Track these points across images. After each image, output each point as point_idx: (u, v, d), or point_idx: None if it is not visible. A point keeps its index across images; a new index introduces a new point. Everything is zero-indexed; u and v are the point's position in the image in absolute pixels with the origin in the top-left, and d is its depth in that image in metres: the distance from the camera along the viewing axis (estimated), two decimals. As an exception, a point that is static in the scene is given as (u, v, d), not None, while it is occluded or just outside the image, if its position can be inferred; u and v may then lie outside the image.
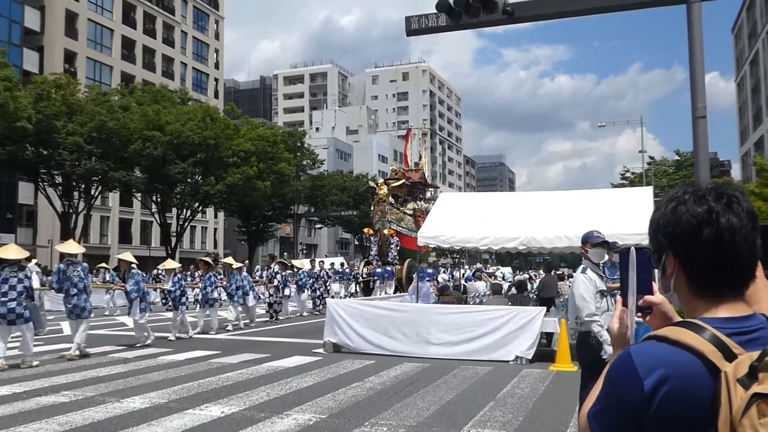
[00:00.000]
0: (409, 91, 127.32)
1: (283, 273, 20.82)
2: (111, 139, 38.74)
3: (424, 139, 34.54)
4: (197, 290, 19.10)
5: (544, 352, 11.78)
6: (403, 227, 27.50)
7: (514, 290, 17.69)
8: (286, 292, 21.06)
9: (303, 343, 14.25)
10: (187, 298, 16.04)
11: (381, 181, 27.63)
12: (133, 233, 60.69)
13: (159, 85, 50.16)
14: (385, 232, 26.17)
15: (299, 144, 59.44)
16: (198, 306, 17.60)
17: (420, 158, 35.41)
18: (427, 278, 21.59)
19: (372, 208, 28.10)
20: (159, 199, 46.45)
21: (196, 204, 48.90)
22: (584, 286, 5.80)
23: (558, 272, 29.51)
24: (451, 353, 11.86)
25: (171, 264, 16.14)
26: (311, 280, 23.72)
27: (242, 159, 46.33)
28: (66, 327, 16.17)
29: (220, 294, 17.96)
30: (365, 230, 32.08)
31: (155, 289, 24.22)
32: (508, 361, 11.44)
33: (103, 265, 27.91)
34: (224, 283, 18.82)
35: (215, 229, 72.18)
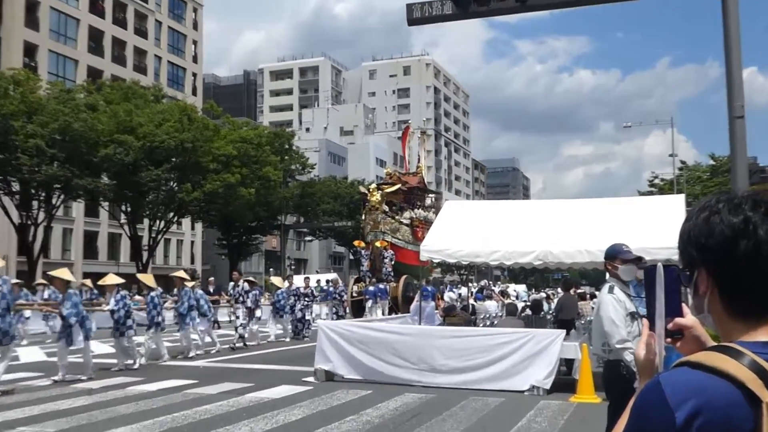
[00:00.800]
0: (411, 87, 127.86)
1: (253, 292, 20.12)
2: (76, 143, 38.83)
3: (424, 139, 34.48)
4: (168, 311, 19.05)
5: (564, 382, 11.74)
6: (398, 239, 27.37)
7: (528, 311, 17.68)
8: (257, 313, 20.51)
9: (291, 371, 14.20)
10: (133, 321, 14.90)
11: (373, 186, 27.62)
12: (100, 247, 60.69)
13: (130, 80, 50.35)
14: (378, 244, 26.03)
15: (287, 146, 59.52)
16: (179, 327, 17.53)
17: (419, 160, 35.34)
18: (429, 297, 21.58)
19: (363, 217, 28.03)
20: (129, 209, 46.51)
21: (171, 214, 48.91)
22: (613, 308, 5.74)
23: (578, 291, 29.52)
24: (459, 382, 11.83)
25: (112, 279, 15.16)
26: (291, 299, 22.40)
27: (223, 164, 46.42)
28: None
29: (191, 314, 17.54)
30: (356, 243, 32.02)
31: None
32: (523, 392, 11.40)
33: (41, 281, 24.87)
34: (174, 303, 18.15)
35: (192, 242, 72.23)
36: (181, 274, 18.18)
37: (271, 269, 76.36)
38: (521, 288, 52.36)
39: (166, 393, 11.45)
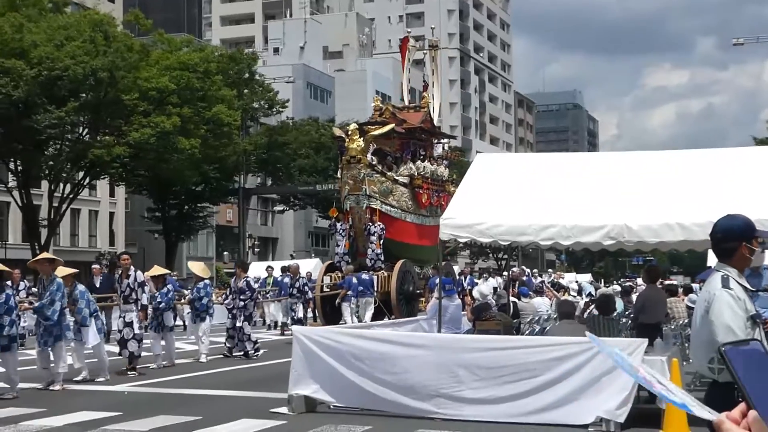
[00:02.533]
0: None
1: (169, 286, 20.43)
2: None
3: (434, 55, 33.66)
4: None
5: (645, 413, 11.78)
6: (391, 205, 26.89)
7: (594, 310, 17.71)
8: (169, 321, 20.12)
9: (254, 398, 14.27)
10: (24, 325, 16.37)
11: (353, 127, 26.36)
12: (-21, 222, 60.75)
13: (18, -20, 50.01)
14: (366, 212, 25.51)
15: (247, 75, 59.30)
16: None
17: (425, 88, 34.47)
18: (452, 293, 21.57)
19: (339, 174, 27.48)
20: (19, 168, 46.47)
21: (81, 174, 48.82)
22: (731, 310, 5.64)
23: (667, 283, 29.61)
24: (494, 414, 11.88)
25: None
26: (226, 297, 22.39)
27: (155, 101, 46.28)
28: None
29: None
30: (331, 212, 31.39)
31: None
32: (587, 427, 11.46)
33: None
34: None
35: (111, 215, 72.31)
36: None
37: (225, 252, 76.69)
38: (585, 279, 52.48)
39: (75, 430, 11.53)
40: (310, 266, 36.38)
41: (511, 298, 20.55)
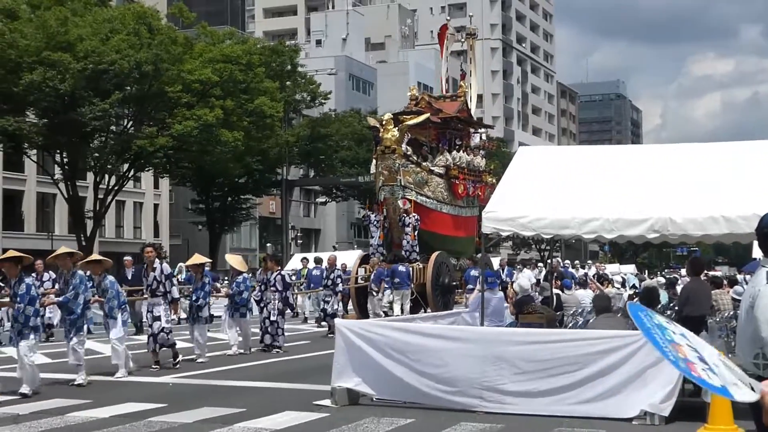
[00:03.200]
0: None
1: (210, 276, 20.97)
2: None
3: (471, 43, 33.30)
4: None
5: (690, 406, 11.70)
6: (427, 196, 26.59)
7: (638, 303, 17.57)
8: (205, 312, 19.56)
9: (297, 390, 14.33)
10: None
11: (388, 116, 25.85)
12: (26, 213, 61.50)
13: (64, -25, 50.49)
14: (399, 203, 25.18)
15: (290, 68, 59.40)
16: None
17: (462, 77, 34.01)
18: (495, 285, 21.39)
19: (374, 165, 26.78)
20: (66, 160, 46.96)
21: (125, 166, 49.22)
22: (777, 305, 5.63)
23: (713, 274, 29.31)
24: (537, 407, 11.84)
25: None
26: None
27: (198, 94, 46.52)
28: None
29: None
30: (366, 206, 30.87)
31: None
32: (631, 420, 11.40)
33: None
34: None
35: (156, 207, 72.93)
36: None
37: (268, 244, 77.01)
38: (629, 270, 51.98)
39: (121, 422, 11.63)
40: (352, 258, 35.91)
41: (555, 290, 20.44)
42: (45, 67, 40.11)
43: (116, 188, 49.29)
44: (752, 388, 4.94)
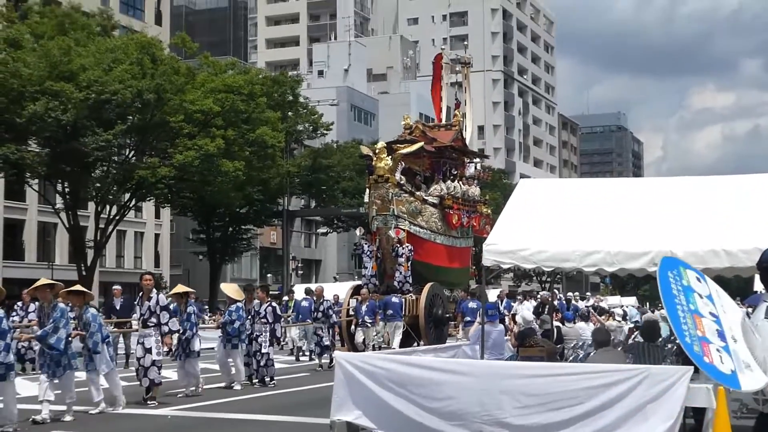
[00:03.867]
0: (469, 10, 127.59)
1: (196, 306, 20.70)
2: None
3: (466, 73, 33.28)
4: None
5: (691, 441, 11.65)
6: (420, 226, 26.36)
7: (639, 337, 17.49)
8: (195, 345, 19.01)
9: (296, 423, 14.28)
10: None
11: (381, 145, 25.70)
12: (26, 243, 61.46)
13: (67, 4, 50.64)
14: (392, 233, 24.94)
15: (291, 98, 59.58)
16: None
17: (456, 105, 33.57)
18: (495, 318, 21.30)
19: (366, 193, 26.50)
20: (67, 189, 46.99)
21: (127, 196, 49.24)
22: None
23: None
24: (539, 442, 11.76)
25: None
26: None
27: (200, 124, 46.61)
28: None
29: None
30: (358, 231, 30.43)
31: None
32: (632, 456, 11.32)
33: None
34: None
35: (157, 236, 72.91)
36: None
37: (269, 275, 76.94)
38: (630, 302, 51.85)
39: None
40: (344, 288, 34.96)
41: (555, 323, 20.39)
42: (48, 97, 40.13)
43: (117, 218, 49.22)
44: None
